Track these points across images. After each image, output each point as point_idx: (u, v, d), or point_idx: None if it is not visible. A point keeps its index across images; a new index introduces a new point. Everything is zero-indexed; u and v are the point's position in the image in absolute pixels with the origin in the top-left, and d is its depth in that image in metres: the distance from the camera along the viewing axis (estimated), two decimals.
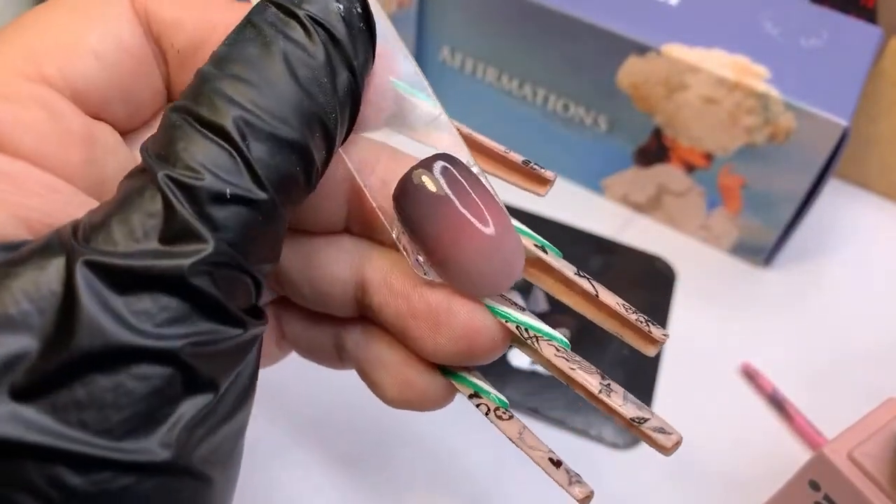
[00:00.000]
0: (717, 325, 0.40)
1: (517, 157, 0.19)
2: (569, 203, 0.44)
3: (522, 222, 0.19)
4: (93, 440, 0.13)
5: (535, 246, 0.19)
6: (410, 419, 0.35)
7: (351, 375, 0.22)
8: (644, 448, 0.36)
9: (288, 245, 0.20)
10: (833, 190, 0.45)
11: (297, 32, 0.16)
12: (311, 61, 0.16)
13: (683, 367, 0.38)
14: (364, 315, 0.21)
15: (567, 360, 0.18)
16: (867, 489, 0.25)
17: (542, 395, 0.36)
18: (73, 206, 0.15)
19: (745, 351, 0.39)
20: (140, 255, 0.14)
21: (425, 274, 0.18)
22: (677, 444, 0.17)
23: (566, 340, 0.19)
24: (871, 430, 0.26)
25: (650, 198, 0.43)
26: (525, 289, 0.39)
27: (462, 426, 0.36)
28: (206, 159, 0.14)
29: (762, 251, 0.42)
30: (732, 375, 0.38)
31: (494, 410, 0.19)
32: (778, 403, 0.37)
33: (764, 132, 0.37)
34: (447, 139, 0.19)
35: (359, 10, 0.17)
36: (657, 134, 0.40)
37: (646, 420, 0.17)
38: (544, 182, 0.19)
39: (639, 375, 0.38)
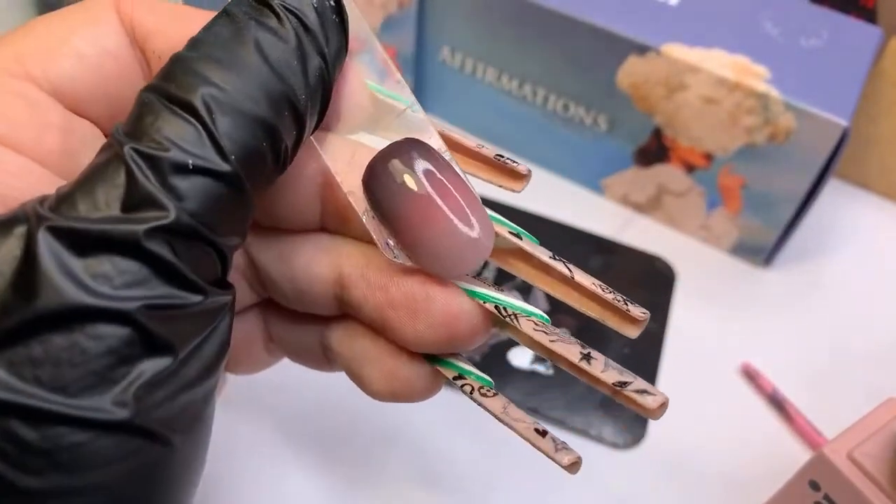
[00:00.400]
0: (717, 325, 0.40)
1: (489, 153, 0.19)
2: (569, 203, 0.44)
3: (521, 223, 0.19)
4: (47, 395, 0.14)
5: (510, 234, 0.19)
6: (399, 418, 0.35)
7: (339, 375, 0.22)
8: (644, 448, 0.36)
9: (266, 244, 0.21)
10: (833, 190, 0.45)
11: (270, 19, 0.16)
12: (282, 45, 0.16)
13: (683, 367, 0.38)
14: (345, 312, 0.21)
15: (547, 333, 0.18)
16: (867, 489, 0.25)
17: (542, 395, 0.36)
18: (47, 186, 0.16)
19: (745, 351, 0.39)
20: (100, 221, 0.14)
21: (395, 257, 0.19)
22: (663, 405, 0.17)
23: (545, 315, 0.19)
24: (871, 430, 0.26)
25: (650, 198, 0.43)
26: (525, 289, 0.39)
27: (452, 425, 0.36)
28: (171, 133, 0.15)
29: (762, 251, 0.42)
30: (732, 375, 0.38)
31: (479, 389, 0.19)
32: (778, 403, 0.37)
33: (764, 132, 0.37)
34: (418, 133, 0.19)
35: (331, 2, 0.17)
36: (657, 134, 0.40)
37: (628, 383, 0.17)
38: (519, 177, 0.19)
39: (639, 375, 0.38)
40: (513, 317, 0.19)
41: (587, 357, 0.18)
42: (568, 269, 0.18)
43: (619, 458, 0.35)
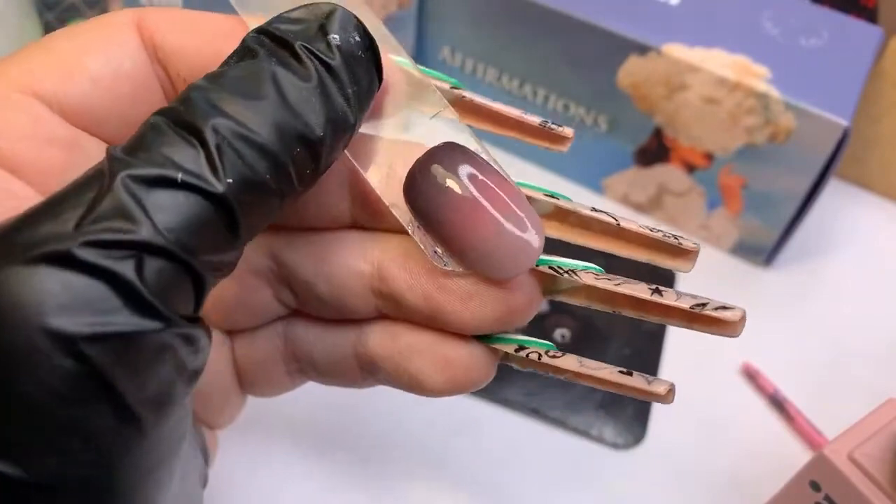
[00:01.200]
0: None
1: (534, 120, 0.20)
2: None
3: None
4: None
5: (546, 196, 0.19)
6: (399, 418, 0.35)
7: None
8: (644, 448, 0.36)
9: (295, 244, 0.20)
10: (833, 190, 0.45)
11: (291, 60, 0.16)
12: (302, 84, 0.16)
13: (684, 367, 0.38)
14: (382, 312, 0.20)
15: (609, 279, 0.19)
16: (868, 490, 0.25)
17: (543, 395, 0.36)
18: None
19: (746, 351, 0.39)
20: (56, 238, 0.13)
21: (445, 265, 0.18)
22: (743, 318, 0.18)
23: (599, 268, 0.19)
24: (872, 430, 0.26)
25: (650, 198, 0.43)
26: None
27: (453, 425, 0.36)
28: (170, 152, 0.14)
29: (762, 251, 0.42)
30: (733, 375, 0.38)
31: (546, 353, 0.19)
32: (778, 403, 0.37)
33: (764, 132, 0.37)
34: (452, 131, 0.19)
35: (356, 38, 0.17)
36: (657, 134, 0.40)
37: (706, 304, 0.18)
38: (564, 140, 0.20)
39: (639, 375, 0.38)
40: (571, 272, 0.19)
41: (658, 291, 0.18)
42: (613, 218, 0.19)
43: (619, 458, 0.35)
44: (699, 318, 0.18)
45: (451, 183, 0.17)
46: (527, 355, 0.19)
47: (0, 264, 0.13)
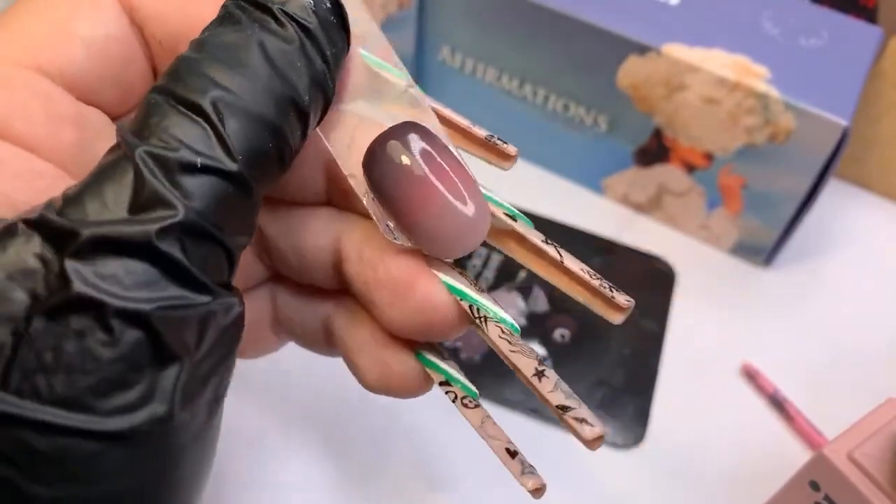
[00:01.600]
0: (717, 326, 0.40)
1: (481, 132, 0.20)
2: (569, 203, 0.44)
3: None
4: (56, 411, 0.14)
5: (506, 215, 0.19)
6: (401, 414, 0.35)
7: (344, 370, 0.22)
8: (644, 448, 0.36)
9: (275, 216, 0.22)
10: (833, 190, 0.45)
11: (272, 24, 0.17)
12: (286, 47, 0.16)
13: (684, 367, 0.38)
14: (345, 287, 0.21)
15: (510, 342, 0.19)
16: (867, 490, 0.25)
17: None
18: (56, 189, 0.16)
19: (746, 351, 0.39)
20: (109, 223, 0.14)
21: (395, 239, 0.19)
22: (599, 438, 0.18)
23: (515, 325, 0.19)
24: (872, 430, 0.26)
25: (650, 198, 0.43)
26: (526, 289, 0.39)
27: (454, 423, 0.36)
28: (179, 133, 0.15)
29: (762, 251, 0.42)
30: (733, 375, 0.38)
31: (462, 399, 0.20)
32: (778, 403, 0.37)
33: (764, 132, 0.37)
34: (415, 111, 0.20)
35: (328, 4, 0.18)
36: (657, 134, 0.40)
37: (570, 409, 0.18)
38: (507, 157, 0.20)
39: (639, 375, 0.38)
40: (482, 319, 0.19)
41: (540, 374, 0.18)
42: (558, 253, 0.19)
43: (619, 458, 0.35)
44: (562, 419, 0.18)
45: (405, 159, 0.18)
46: (446, 392, 0.20)
47: (63, 254, 0.14)
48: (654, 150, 0.41)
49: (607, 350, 0.38)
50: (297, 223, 0.21)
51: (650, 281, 0.41)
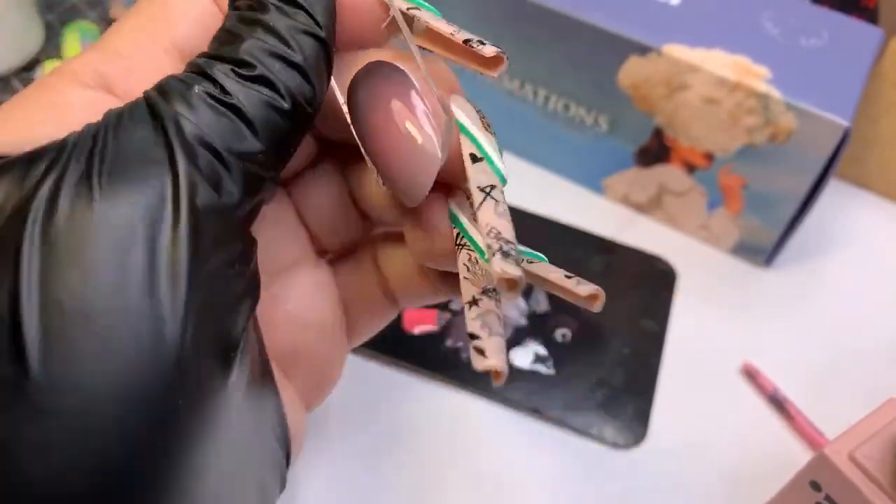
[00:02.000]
0: (717, 325, 0.40)
1: (460, 38, 0.20)
2: (569, 203, 0.44)
3: (522, 223, 0.19)
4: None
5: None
6: (404, 415, 0.35)
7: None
8: (644, 448, 0.36)
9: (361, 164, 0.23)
10: (833, 190, 0.45)
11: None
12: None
13: (684, 367, 0.38)
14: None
15: (468, 268, 0.19)
16: (868, 490, 0.25)
17: (543, 394, 0.36)
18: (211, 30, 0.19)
19: (746, 351, 0.39)
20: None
21: (381, 184, 0.20)
22: (494, 373, 0.17)
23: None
24: (872, 430, 0.26)
25: (651, 198, 0.43)
26: (526, 290, 0.39)
27: (456, 422, 0.36)
28: (262, 57, 0.18)
29: (763, 251, 0.42)
30: (733, 375, 0.39)
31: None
32: (779, 403, 0.37)
33: (764, 132, 0.37)
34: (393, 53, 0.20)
35: None
36: (658, 134, 0.40)
37: (476, 338, 0.17)
38: (488, 63, 0.19)
39: (639, 375, 0.38)
40: (462, 247, 0.19)
41: (473, 302, 0.18)
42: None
43: (619, 458, 0.35)
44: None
45: (381, 106, 0.19)
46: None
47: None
48: (655, 150, 0.41)
49: (608, 350, 0.38)
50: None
51: (650, 281, 0.41)
